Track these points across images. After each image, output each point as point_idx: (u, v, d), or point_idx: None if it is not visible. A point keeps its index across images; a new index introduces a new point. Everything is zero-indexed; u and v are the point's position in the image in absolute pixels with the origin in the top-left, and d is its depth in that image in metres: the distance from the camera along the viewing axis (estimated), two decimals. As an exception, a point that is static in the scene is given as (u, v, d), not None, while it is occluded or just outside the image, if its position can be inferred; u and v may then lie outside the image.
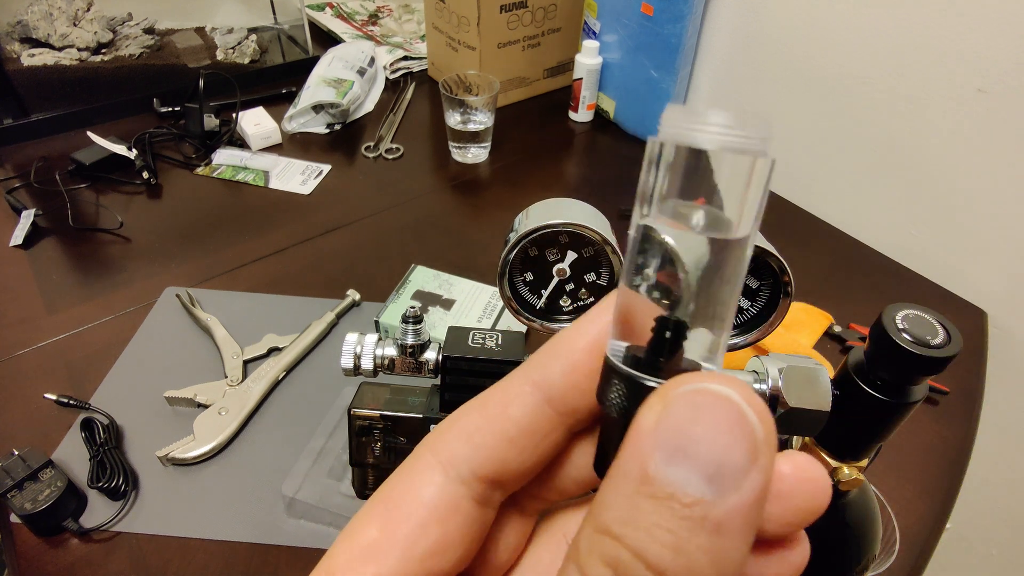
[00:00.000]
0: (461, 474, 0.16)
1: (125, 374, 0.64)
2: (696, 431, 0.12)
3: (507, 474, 0.16)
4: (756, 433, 0.12)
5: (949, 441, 0.63)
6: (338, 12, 1.31)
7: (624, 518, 0.12)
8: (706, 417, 0.12)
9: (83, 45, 1.02)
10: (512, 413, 0.16)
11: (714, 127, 0.12)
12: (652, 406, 0.13)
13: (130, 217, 0.83)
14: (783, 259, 0.30)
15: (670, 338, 0.14)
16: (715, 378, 0.12)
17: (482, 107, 0.92)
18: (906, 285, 0.81)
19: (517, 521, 0.18)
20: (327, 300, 0.72)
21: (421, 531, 0.16)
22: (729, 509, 0.11)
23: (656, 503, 0.12)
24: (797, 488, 0.14)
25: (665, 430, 0.12)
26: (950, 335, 0.31)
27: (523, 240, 0.32)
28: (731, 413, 0.12)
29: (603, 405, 0.15)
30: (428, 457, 0.17)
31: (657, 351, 0.14)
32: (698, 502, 0.11)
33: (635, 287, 0.14)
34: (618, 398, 0.14)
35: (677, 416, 0.12)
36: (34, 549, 0.51)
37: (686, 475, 0.12)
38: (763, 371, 0.33)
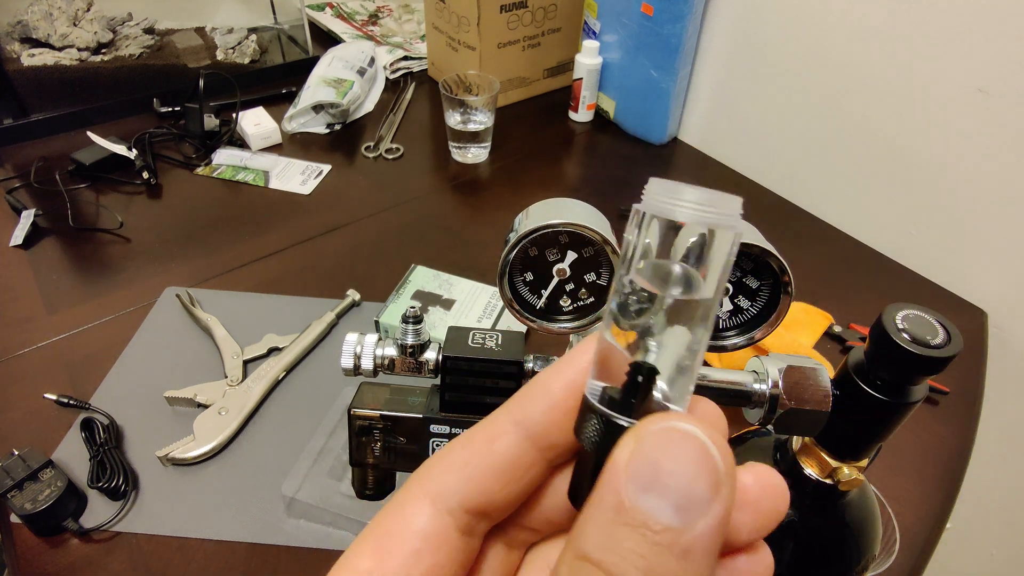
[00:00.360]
0: (449, 506, 0.17)
1: (125, 374, 0.64)
2: (666, 465, 0.13)
3: (492, 505, 0.18)
4: (719, 467, 0.14)
5: (949, 441, 0.63)
6: (338, 12, 1.31)
7: (601, 544, 0.13)
8: (674, 453, 0.14)
9: (83, 45, 1.02)
10: (497, 449, 0.18)
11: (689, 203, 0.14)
12: (627, 443, 0.14)
13: (130, 217, 0.83)
14: (783, 259, 0.30)
15: (642, 382, 0.16)
16: (683, 418, 0.14)
17: (482, 107, 0.92)
18: (906, 285, 0.81)
19: (503, 552, 0.19)
20: (327, 300, 0.72)
21: (414, 560, 0.17)
22: (696, 535, 0.13)
23: (630, 530, 0.13)
24: (761, 496, 0.15)
25: (638, 464, 0.14)
26: (950, 335, 0.31)
27: (523, 240, 0.32)
28: (696, 449, 0.14)
29: (579, 439, 0.17)
30: (417, 490, 0.18)
31: (630, 393, 0.16)
32: (668, 529, 0.13)
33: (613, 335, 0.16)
34: (593, 434, 0.16)
35: (649, 452, 0.14)
36: (34, 549, 0.51)
37: (657, 504, 0.13)
38: (763, 371, 0.33)
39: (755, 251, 0.30)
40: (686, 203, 0.14)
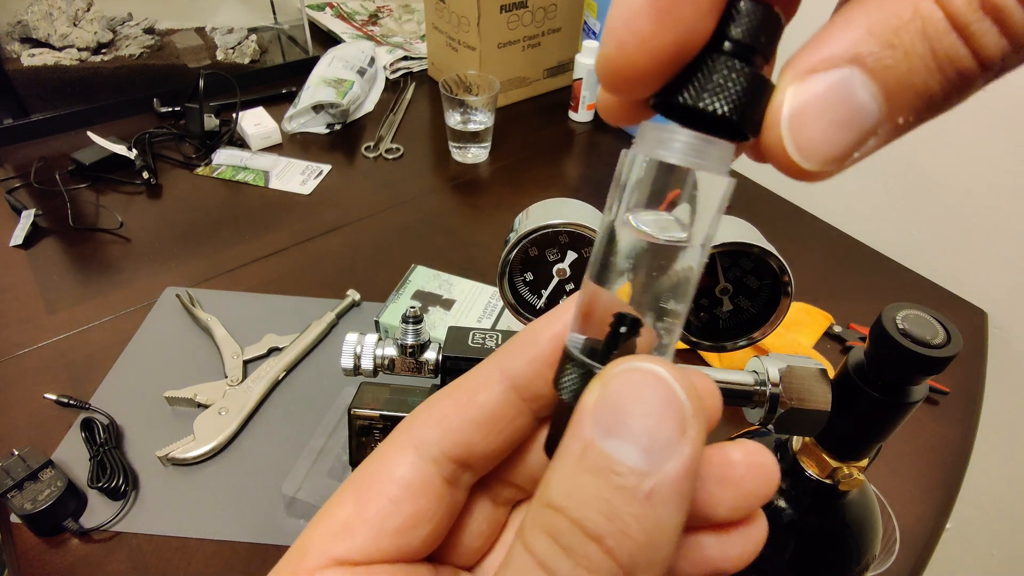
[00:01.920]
0: (432, 454, 0.17)
1: (125, 374, 0.64)
2: (629, 407, 0.13)
3: (474, 456, 0.17)
4: (685, 408, 0.13)
5: (949, 441, 0.63)
6: (338, 12, 1.31)
7: (565, 491, 0.13)
8: (639, 393, 0.13)
9: (83, 45, 1.02)
10: (479, 399, 0.17)
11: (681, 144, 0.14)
12: (592, 387, 0.14)
13: (130, 217, 0.83)
14: (783, 259, 0.30)
15: (625, 333, 0.15)
16: (647, 359, 0.13)
17: (482, 107, 0.92)
18: (906, 285, 0.81)
19: (489, 509, 0.19)
20: (327, 300, 0.72)
21: (394, 507, 0.16)
22: (661, 479, 0.12)
23: (594, 476, 0.13)
24: (747, 473, 0.15)
25: (603, 407, 0.13)
26: (950, 335, 0.31)
27: (523, 240, 0.32)
28: (661, 390, 0.13)
29: (557, 389, 0.16)
30: (401, 439, 0.17)
31: (612, 344, 0.15)
32: (632, 471, 0.12)
33: (598, 283, 0.15)
34: (570, 383, 0.16)
35: (613, 394, 0.13)
36: (34, 549, 0.51)
37: (621, 447, 0.13)
38: (763, 371, 0.33)
39: (755, 251, 0.30)
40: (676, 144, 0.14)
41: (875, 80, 0.11)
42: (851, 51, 0.11)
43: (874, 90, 0.11)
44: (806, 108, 0.12)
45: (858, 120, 0.12)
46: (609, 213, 0.15)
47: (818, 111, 0.12)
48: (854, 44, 0.11)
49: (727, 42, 0.13)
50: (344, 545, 0.16)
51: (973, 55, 0.10)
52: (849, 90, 0.11)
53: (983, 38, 0.10)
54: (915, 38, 0.11)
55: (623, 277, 0.15)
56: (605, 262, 0.15)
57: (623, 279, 0.15)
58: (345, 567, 0.16)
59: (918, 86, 0.11)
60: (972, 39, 0.10)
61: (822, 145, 0.12)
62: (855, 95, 0.11)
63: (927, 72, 0.11)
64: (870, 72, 0.11)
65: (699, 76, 0.13)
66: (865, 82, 0.11)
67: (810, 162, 0.12)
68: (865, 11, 0.11)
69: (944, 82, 0.11)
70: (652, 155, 0.14)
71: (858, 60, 0.11)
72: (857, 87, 0.11)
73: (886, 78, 0.11)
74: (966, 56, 0.10)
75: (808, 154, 0.12)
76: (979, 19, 0.10)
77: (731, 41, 0.13)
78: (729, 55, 0.13)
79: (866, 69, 0.11)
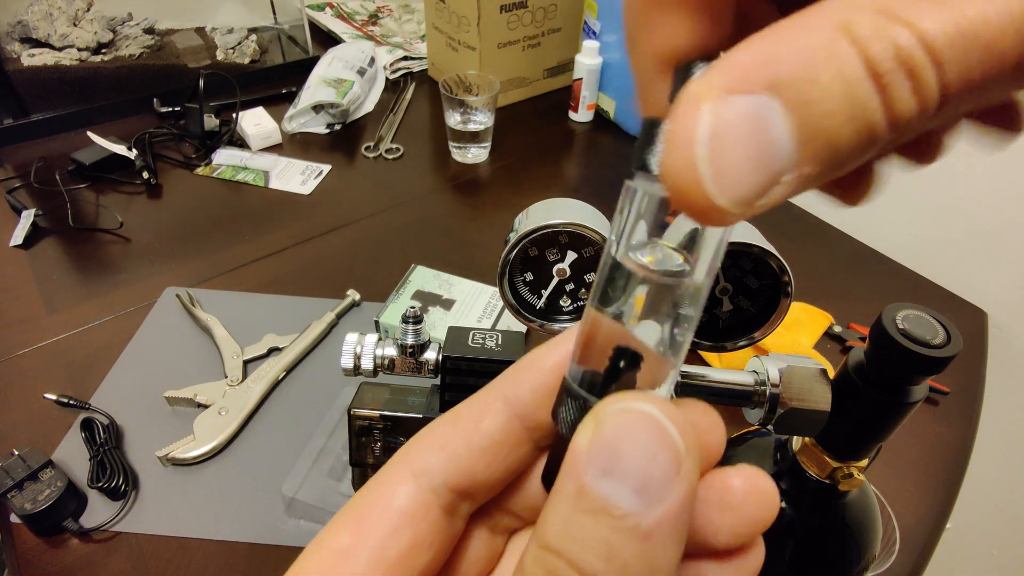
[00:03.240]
0: (432, 483, 0.17)
1: (125, 374, 0.64)
2: (624, 447, 0.13)
3: (476, 485, 0.17)
4: (678, 446, 0.13)
5: (949, 441, 0.63)
6: (338, 12, 1.31)
7: (562, 532, 0.13)
8: (632, 434, 0.13)
9: (83, 45, 1.02)
10: (483, 427, 0.17)
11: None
12: (586, 426, 0.14)
13: (130, 217, 0.83)
14: (783, 259, 0.30)
15: (624, 367, 0.15)
16: (639, 397, 0.13)
17: (482, 107, 0.92)
18: (906, 285, 0.81)
19: (487, 537, 0.19)
20: (327, 300, 0.72)
21: (392, 536, 0.16)
22: (657, 518, 0.12)
23: (591, 517, 0.13)
24: (746, 500, 0.15)
25: (597, 448, 0.13)
26: (950, 335, 0.31)
27: (523, 240, 0.32)
28: (653, 429, 0.13)
29: (556, 422, 0.16)
30: (401, 467, 0.17)
31: (611, 378, 0.15)
32: (629, 514, 0.12)
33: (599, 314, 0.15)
34: (568, 417, 0.16)
35: (607, 435, 0.13)
36: (34, 549, 0.51)
37: (617, 489, 0.13)
38: (763, 371, 0.33)
39: (755, 251, 0.30)
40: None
41: (792, 116, 0.10)
42: (772, 76, 0.10)
43: (790, 127, 0.10)
44: (726, 132, 0.10)
45: (770, 158, 0.10)
46: (611, 247, 0.15)
47: (735, 138, 0.10)
48: (775, 68, 0.10)
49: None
50: (342, 573, 0.16)
51: (884, 110, 0.10)
52: (766, 121, 0.10)
53: (896, 92, 0.10)
54: (833, 78, 0.10)
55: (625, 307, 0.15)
56: (607, 294, 0.15)
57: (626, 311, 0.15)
58: None
59: (829, 132, 0.10)
60: (885, 91, 0.10)
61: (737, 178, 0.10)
62: (771, 128, 0.10)
63: (839, 119, 0.10)
64: (789, 105, 0.10)
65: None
66: (783, 116, 0.10)
67: (725, 197, 0.10)
68: (790, 33, 0.10)
69: (852, 134, 0.10)
70: (651, 190, 0.14)
71: (779, 89, 0.10)
72: (774, 119, 0.10)
73: (803, 116, 0.10)
74: (876, 109, 0.10)
75: (724, 186, 0.10)
76: (894, 70, 0.09)
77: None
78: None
79: (785, 101, 0.10)
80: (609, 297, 0.15)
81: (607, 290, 0.15)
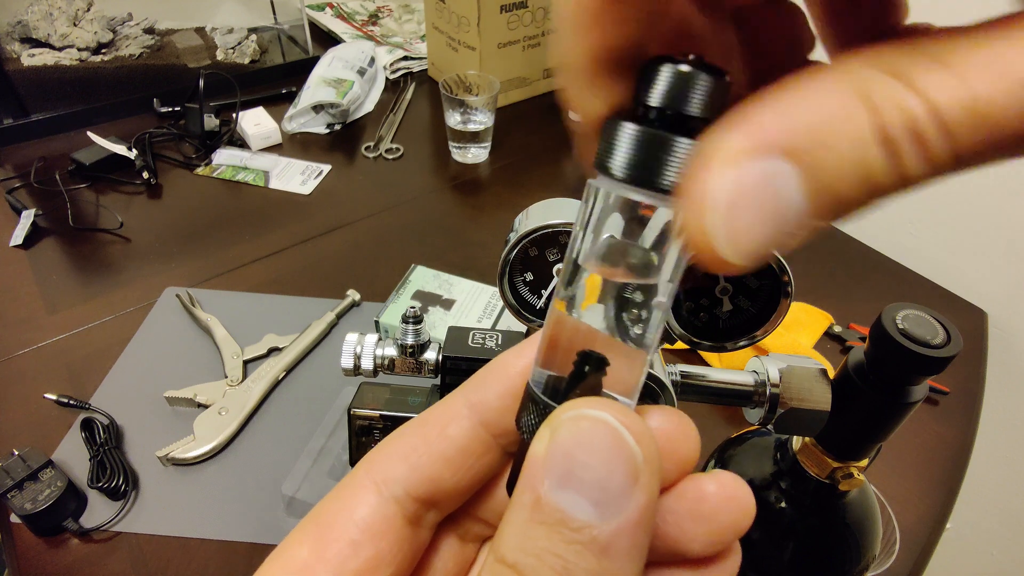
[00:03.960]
0: (395, 494, 0.16)
1: (125, 374, 0.64)
2: (579, 456, 0.12)
3: (441, 493, 0.17)
4: (635, 455, 0.12)
5: (949, 441, 0.63)
6: (338, 12, 1.31)
7: (517, 546, 0.12)
8: (587, 442, 0.12)
9: (83, 45, 1.02)
10: (450, 433, 0.17)
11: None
12: (542, 435, 0.13)
13: (130, 217, 0.83)
14: (783, 259, 0.30)
15: (589, 371, 0.15)
16: (594, 403, 0.13)
17: (482, 107, 0.92)
18: (906, 285, 0.81)
19: (457, 546, 0.18)
20: (327, 300, 0.72)
21: (352, 550, 0.16)
22: (615, 530, 0.12)
23: (547, 529, 0.12)
24: (722, 507, 0.14)
25: (552, 457, 0.13)
26: (950, 335, 0.31)
27: (523, 240, 0.32)
28: (609, 437, 0.12)
29: (519, 429, 0.16)
30: (363, 478, 0.17)
31: (574, 383, 0.15)
32: (585, 526, 0.12)
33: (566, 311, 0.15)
34: (530, 423, 0.15)
35: (562, 443, 0.13)
36: (34, 549, 0.51)
37: (573, 500, 0.12)
38: (763, 371, 0.33)
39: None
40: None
41: (805, 178, 0.10)
42: (787, 142, 0.10)
43: (804, 189, 0.10)
44: (742, 197, 0.11)
45: (782, 218, 0.11)
46: (573, 246, 0.14)
47: (750, 202, 0.11)
48: (791, 134, 0.10)
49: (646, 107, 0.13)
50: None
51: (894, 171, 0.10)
52: (779, 183, 0.11)
53: (904, 158, 0.10)
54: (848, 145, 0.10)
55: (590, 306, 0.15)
56: (571, 295, 0.15)
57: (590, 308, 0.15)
58: None
59: (839, 191, 0.10)
60: (894, 156, 0.10)
61: (749, 238, 0.11)
62: (784, 189, 0.11)
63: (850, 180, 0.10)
64: (804, 169, 0.10)
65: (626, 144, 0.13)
66: (796, 179, 0.10)
67: (738, 255, 0.11)
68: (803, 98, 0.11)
69: (861, 192, 0.10)
70: (616, 190, 0.13)
71: (793, 154, 0.10)
72: (787, 181, 0.11)
73: (816, 178, 0.10)
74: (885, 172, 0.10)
75: (738, 246, 0.11)
76: (903, 138, 0.10)
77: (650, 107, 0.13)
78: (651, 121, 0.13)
79: (800, 165, 0.10)
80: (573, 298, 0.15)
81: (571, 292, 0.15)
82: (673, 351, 0.68)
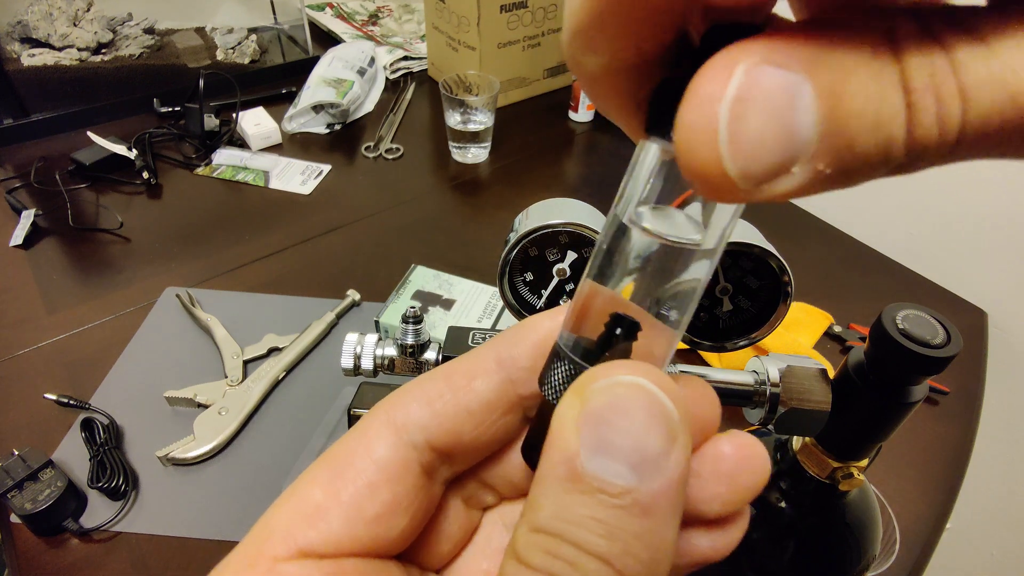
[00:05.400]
0: (415, 439, 0.16)
1: (125, 374, 0.64)
2: (616, 422, 0.12)
3: (459, 448, 0.16)
4: (672, 416, 0.12)
5: (949, 441, 0.63)
6: (338, 12, 1.31)
7: (557, 515, 0.12)
8: (623, 407, 0.12)
9: (83, 45, 1.02)
10: (476, 386, 0.16)
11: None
12: (571, 400, 0.13)
13: (130, 217, 0.83)
14: (783, 259, 0.30)
15: (621, 334, 0.14)
16: (628, 367, 0.13)
17: (482, 107, 0.92)
18: (906, 285, 0.81)
19: (462, 511, 0.18)
20: (327, 300, 0.72)
21: (370, 492, 0.15)
22: (655, 492, 0.12)
23: (586, 496, 0.12)
24: (739, 467, 0.14)
25: (587, 425, 0.12)
26: (950, 335, 0.31)
27: (523, 240, 0.32)
28: (646, 400, 0.12)
29: (542, 387, 0.15)
30: (382, 417, 0.16)
31: (605, 345, 0.14)
32: (626, 491, 0.12)
33: (598, 280, 0.15)
34: (556, 382, 0.15)
35: (596, 410, 0.13)
36: (34, 549, 0.51)
37: (611, 466, 0.12)
38: (763, 371, 0.33)
39: (755, 251, 0.30)
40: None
41: (821, 103, 0.10)
42: (813, 57, 0.10)
43: (817, 114, 0.10)
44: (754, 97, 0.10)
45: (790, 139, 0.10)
46: (617, 206, 0.14)
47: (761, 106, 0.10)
48: (816, 52, 0.10)
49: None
50: (314, 531, 0.15)
51: (907, 128, 0.09)
52: (795, 100, 0.10)
53: (920, 114, 0.09)
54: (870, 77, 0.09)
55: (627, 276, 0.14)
56: (609, 259, 0.14)
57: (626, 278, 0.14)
58: (312, 559, 0.15)
59: (851, 133, 0.10)
60: (911, 108, 0.09)
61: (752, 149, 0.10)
62: (798, 109, 0.10)
63: (864, 123, 0.10)
64: (821, 92, 0.10)
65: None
66: (812, 100, 0.10)
67: (735, 166, 0.10)
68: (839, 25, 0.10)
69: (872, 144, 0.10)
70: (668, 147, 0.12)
71: (816, 71, 0.10)
72: (803, 101, 0.10)
73: (831, 106, 0.10)
74: (900, 125, 0.09)
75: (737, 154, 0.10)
76: (925, 89, 0.09)
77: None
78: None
79: (818, 86, 0.10)
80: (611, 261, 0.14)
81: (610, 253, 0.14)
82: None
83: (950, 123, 0.09)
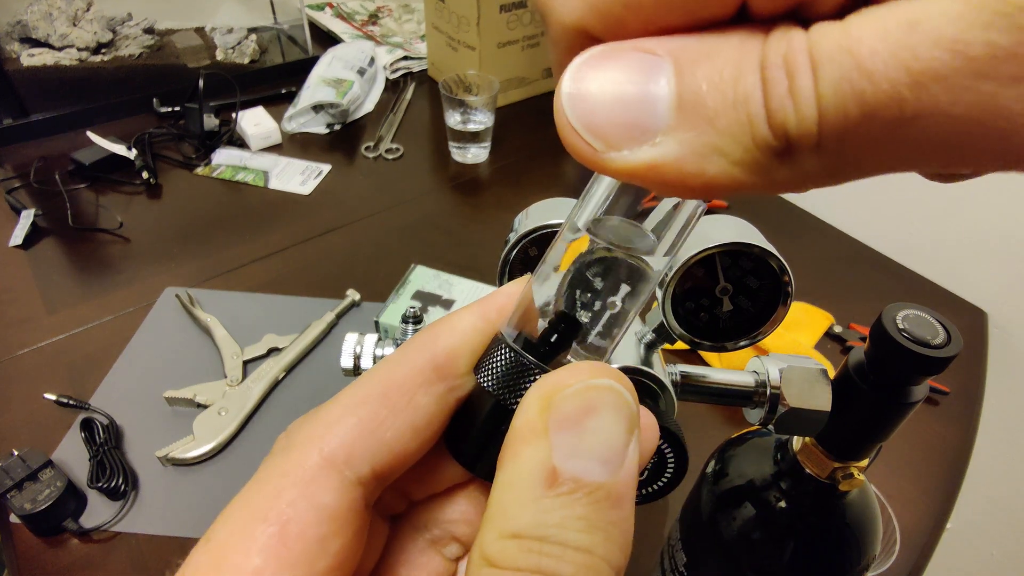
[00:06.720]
0: (360, 474, 0.15)
1: (125, 374, 0.64)
2: (589, 424, 0.13)
3: (404, 465, 0.16)
4: (632, 410, 0.13)
5: (949, 441, 0.63)
6: (338, 12, 1.31)
7: (538, 521, 0.13)
8: (596, 410, 0.13)
9: (83, 45, 1.02)
10: (419, 401, 0.16)
11: None
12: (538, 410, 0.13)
13: (130, 217, 0.83)
14: (783, 259, 0.30)
15: (564, 331, 0.15)
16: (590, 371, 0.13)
17: (482, 107, 0.92)
18: (906, 285, 0.81)
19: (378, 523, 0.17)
20: (327, 300, 0.72)
21: (320, 548, 0.14)
22: (623, 481, 0.13)
23: (564, 499, 0.13)
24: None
25: (561, 431, 0.13)
26: (950, 335, 0.31)
27: (523, 240, 0.32)
28: (615, 400, 0.13)
29: (478, 375, 0.16)
30: (316, 457, 0.15)
31: (546, 340, 0.15)
32: (600, 486, 0.13)
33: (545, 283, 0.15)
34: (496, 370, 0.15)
35: (570, 415, 0.13)
36: (34, 549, 0.51)
37: (586, 465, 0.13)
38: (763, 371, 0.33)
39: (755, 251, 0.30)
40: None
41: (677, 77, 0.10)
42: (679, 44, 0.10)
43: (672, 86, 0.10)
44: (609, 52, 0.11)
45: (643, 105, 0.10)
46: (574, 214, 0.15)
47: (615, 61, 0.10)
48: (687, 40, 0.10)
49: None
50: None
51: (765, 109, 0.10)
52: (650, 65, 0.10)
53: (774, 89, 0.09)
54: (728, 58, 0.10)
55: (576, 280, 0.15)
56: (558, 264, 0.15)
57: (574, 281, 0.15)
58: None
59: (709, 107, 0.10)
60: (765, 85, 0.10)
61: (595, 112, 0.11)
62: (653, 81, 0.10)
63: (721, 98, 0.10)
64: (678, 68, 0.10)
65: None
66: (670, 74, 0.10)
67: (581, 124, 0.11)
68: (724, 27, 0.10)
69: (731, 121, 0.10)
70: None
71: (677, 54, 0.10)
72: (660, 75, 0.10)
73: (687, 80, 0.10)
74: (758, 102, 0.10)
75: (580, 114, 0.11)
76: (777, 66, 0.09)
77: None
78: None
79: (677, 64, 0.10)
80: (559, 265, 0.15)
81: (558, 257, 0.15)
82: (673, 351, 0.68)
83: (803, 98, 0.09)
